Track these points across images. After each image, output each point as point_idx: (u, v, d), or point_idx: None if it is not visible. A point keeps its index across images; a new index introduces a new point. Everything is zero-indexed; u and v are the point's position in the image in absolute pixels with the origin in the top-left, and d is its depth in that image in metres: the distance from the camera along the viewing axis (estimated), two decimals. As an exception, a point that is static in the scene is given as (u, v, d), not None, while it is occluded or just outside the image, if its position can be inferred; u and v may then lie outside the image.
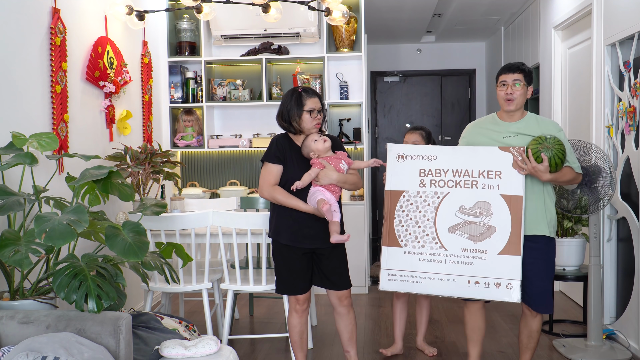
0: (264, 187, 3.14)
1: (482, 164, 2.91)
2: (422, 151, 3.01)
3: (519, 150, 2.87)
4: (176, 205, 4.17)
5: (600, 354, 3.76)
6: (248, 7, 4.53)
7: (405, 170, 3.01)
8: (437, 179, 2.96)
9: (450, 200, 2.93)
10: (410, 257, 2.97)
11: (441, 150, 2.99)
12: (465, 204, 2.92)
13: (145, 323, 2.87)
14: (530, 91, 3.05)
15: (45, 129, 3.43)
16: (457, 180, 2.93)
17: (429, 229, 2.95)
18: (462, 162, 2.94)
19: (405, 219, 2.99)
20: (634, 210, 3.83)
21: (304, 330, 3.28)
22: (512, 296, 2.84)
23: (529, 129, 2.99)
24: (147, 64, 4.92)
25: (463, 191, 2.92)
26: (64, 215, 2.45)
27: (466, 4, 6.25)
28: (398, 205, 3.00)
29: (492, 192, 2.88)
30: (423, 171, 2.98)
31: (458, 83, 8.62)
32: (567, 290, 5.24)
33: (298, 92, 3.15)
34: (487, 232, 2.87)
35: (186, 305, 5.06)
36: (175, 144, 5.54)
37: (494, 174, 2.89)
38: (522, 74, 3.00)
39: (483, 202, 2.89)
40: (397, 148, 3.06)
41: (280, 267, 3.20)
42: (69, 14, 3.71)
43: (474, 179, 2.91)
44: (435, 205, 2.94)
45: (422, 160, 2.99)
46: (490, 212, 2.87)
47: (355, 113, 5.71)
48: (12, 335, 2.40)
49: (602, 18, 4.24)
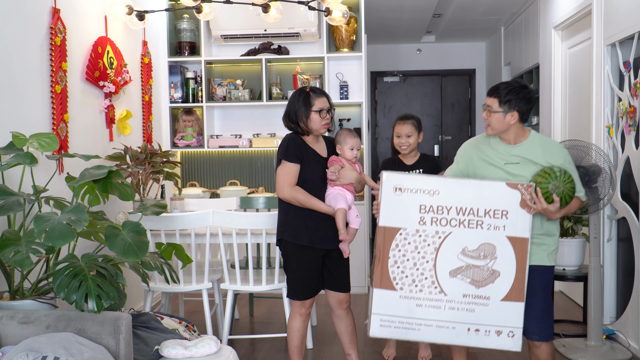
0: (285, 187, 3.06)
1: (489, 203, 2.66)
2: (423, 184, 2.69)
3: (528, 189, 2.67)
4: (176, 206, 4.17)
5: (600, 354, 3.76)
6: (248, 7, 4.53)
7: (403, 205, 2.69)
8: (439, 216, 2.68)
9: (452, 241, 2.68)
10: (406, 302, 2.71)
11: (444, 184, 2.71)
12: (469, 246, 2.68)
13: (145, 323, 2.87)
14: (512, 116, 2.75)
15: (45, 129, 3.43)
16: (461, 219, 2.67)
17: (428, 272, 2.69)
18: (467, 199, 2.68)
19: (401, 259, 2.70)
20: (634, 210, 3.83)
21: (305, 334, 3.26)
22: (514, 345, 2.70)
23: (533, 154, 2.76)
24: (147, 64, 4.92)
25: (467, 231, 2.67)
26: (63, 215, 2.45)
27: (466, 4, 6.25)
28: (394, 244, 2.69)
29: (498, 233, 2.67)
30: (424, 207, 2.68)
31: (458, 83, 8.62)
32: (567, 290, 5.24)
33: (306, 92, 3.13)
34: (491, 277, 2.68)
35: (186, 305, 5.06)
36: (175, 144, 5.54)
37: (500, 214, 2.67)
38: (496, 99, 2.76)
39: (488, 244, 2.68)
40: (394, 179, 2.70)
41: (295, 270, 3.14)
42: (69, 14, 3.71)
43: (479, 218, 2.67)
44: (436, 246, 2.68)
45: (423, 195, 2.68)
46: (495, 256, 2.67)
47: (355, 113, 5.71)
48: (12, 335, 2.40)
49: (602, 18, 4.24)
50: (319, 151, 3.17)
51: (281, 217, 3.17)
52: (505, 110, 2.74)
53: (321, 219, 3.09)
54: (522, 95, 2.75)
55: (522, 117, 2.77)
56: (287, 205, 3.12)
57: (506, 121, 2.75)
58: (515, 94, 2.74)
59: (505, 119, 2.75)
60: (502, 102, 2.74)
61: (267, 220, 3.52)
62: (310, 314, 3.53)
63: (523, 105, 2.75)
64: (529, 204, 2.65)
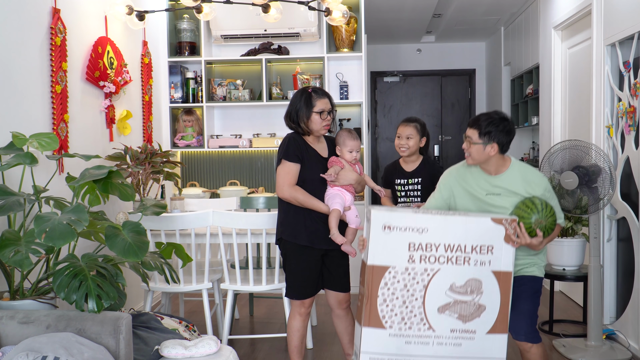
0: (284, 187, 3.06)
1: (475, 238, 2.71)
2: (411, 222, 2.68)
3: (512, 224, 2.72)
4: (176, 205, 4.17)
5: (600, 354, 3.76)
6: (248, 7, 4.53)
7: (392, 244, 2.67)
8: (427, 254, 2.69)
9: (441, 278, 2.70)
10: (396, 339, 2.71)
11: (432, 221, 2.70)
12: (457, 282, 2.71)
13: (145, 323, 2.87)
14: (492, 148, 2.78)
15: (45, 129, 3.43)
16: (449, 256, 2.70)
17: (417, 309, 2.70)
18: (454, 236, 2.70)
19: (390, 297, 2.68)
20: (634, 210, 3.83)
21: (305, 334, 3.26)
22: None
23: (514, 185, 2.81)
24: (147, 64, 4.92)
25: (455, 268, 2.71)
26: (63, 215, 2.45)
27: (466, 4, 6.26)
28: (382, 282, 2.67)
29: (484, 268, 2.72)
30: (413, 245, 2.67)
31: (458, 83, 8.62)
32: (567, 290, 5.24)
33: (308, 92, 3.12)
34: (477, 312, 2.73)
35: (186, 305, 5.06)
36: (175, 144, 5.54)
37: (486, 249, 2.72)
38: (477, 130, 2.79)
39: (474, 279, 2.72)
40: (382, 217, 2.67)
41: (295, 269, 3.14)
42: (69, 14, 3.71)
43: (467, 254, 2.71)
44: (425, 284, 2.69)
45: (412, 233, 2.68)
46: (480, 290, 2.72)
47: (355, 113, 5.71)
48: (12, 335, 2.40)
49: (602, 18, 4.24)
50: (319, 151, 3.17)
51: (281, 216, 3.18)
52: (485, 142, 2.77)
53: (320, 219, 3.09)
54: (501, 127, 2.78)
55: (502, 149, 2.81)
56: (286, 205, 3.12)
57: (486, 152, 2.79)
58: (494, 126, 2.77)
59: (485, 150, 2.79)
60: (482, 133, 2.78)
61: (267, 220, 3.52)
62: (310, 314, 3.53)
63: (503, 137, 2.78)
64: (512, 238, 2.70)
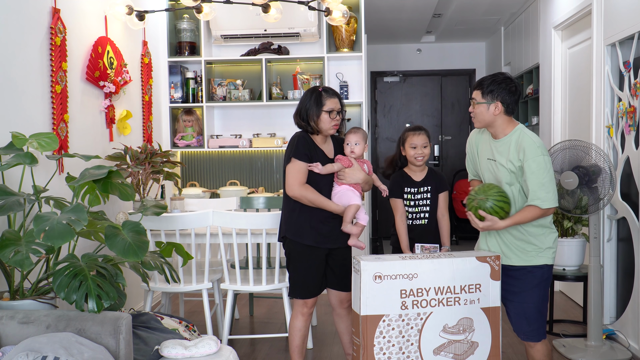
0: (294, 185, 3.04)
1: (463, 279, 2.76)
2: (401, 269, 2.72)
3: (496, 261, 2.79)
4: (176, 205, 4.17)
5: (600, 354, 3.76)
6: (248, 7, 4.53)
7: (384, 292, 2.70)
8: (419, 299, 2.73)
9: (434, 321, 2.75)
10: None
11: (421, 266, 2.74)
12: (449, 323, 2.77)
13: (145, 323, 2.87)
14: (495, 107, 2.75)
15: (45, 129, 3.43)
16: (439, 299, 2.75)
17: (414, 354, 2.74)
18: (443, 278, 2.75)
19: (386, 345, 2.71)
20: (634, 210, 3.83)
21: (306, 334, 3.25)
22: None
23: (507, 151, 2.76)
24: (147, 64, 4.92)
25: (446, 309, 2.76)
26: (63, 214, 2.45)
27: (466, 4, 6.25)
28: (377, 331, 2.70)
29: (474, 306, 2.78)
30: (404, 292, 2.71)
31: (458, 83, 8.62)
32: (567, 290, 5.24)
33: (318, 91, 3.12)
34: (471, 349, 2.79)
35: (186, 305, 5.06)
36: (175, 144, 5.54)
37: (474, 288, 2.78)
38: (480, 90, 2.77)
39: (466, 318, 2.78)
40: (373, 267, 2.69)
41: (299, 269, 3.13)
42: (69, 14, 3.71)
43: (456, 295, 2.76)
44: (419, 328, 2.74)
45: (403, 280, 2.71)
46: (472, 328, 2.79)
47: (355, 113, 5.71)
48: (12, 335, 2.40)
49: (602, 18, 4.24)
50: (326, 152, 3.17)
51: (285, 214, 3.16)
52: (489, 101, 2.75)
53: (325, 218, 3.09)
54: (504, 85, 2.74)
55: (507, 108, 2.75)
56: (293, 204, 3.11)
57: (490, 112, 2.75)
58: (497, 84, 2.74)
59: (489, 110, 2.75)
60: (485, 92, 2.75)
61: (267, 220, 3.52)
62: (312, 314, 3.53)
63: (506, 96, 2.74)
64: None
